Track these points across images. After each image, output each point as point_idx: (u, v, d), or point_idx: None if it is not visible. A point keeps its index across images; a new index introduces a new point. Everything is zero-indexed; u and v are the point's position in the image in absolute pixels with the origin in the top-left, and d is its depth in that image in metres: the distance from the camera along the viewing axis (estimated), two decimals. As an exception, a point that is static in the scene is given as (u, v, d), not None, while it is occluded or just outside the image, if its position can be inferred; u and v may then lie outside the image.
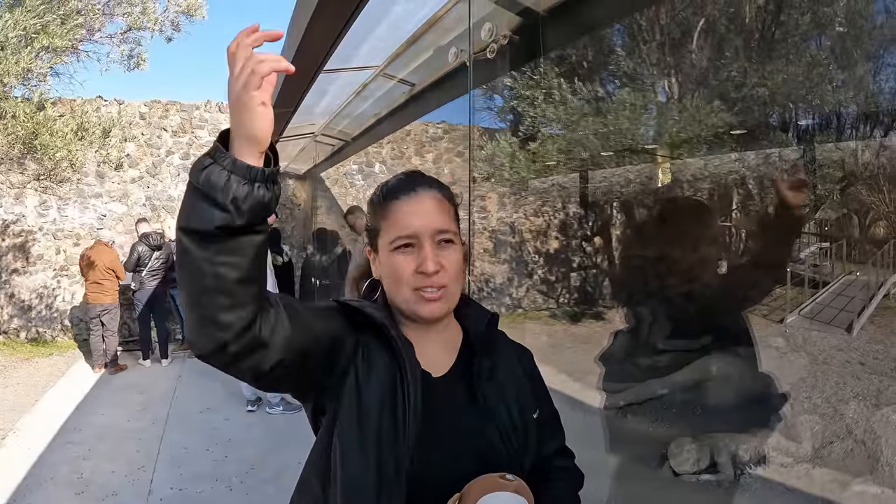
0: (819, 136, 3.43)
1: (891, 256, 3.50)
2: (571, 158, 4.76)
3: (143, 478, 3.62)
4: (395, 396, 0.86)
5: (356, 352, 0.90)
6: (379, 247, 0.96)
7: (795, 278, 3.86)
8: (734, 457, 2.48)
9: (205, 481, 3.56)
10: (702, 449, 2.51)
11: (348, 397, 0.87)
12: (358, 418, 0.86)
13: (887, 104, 3.07)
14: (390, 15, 2.32)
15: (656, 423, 2.68)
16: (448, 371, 0.97)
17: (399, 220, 0.91)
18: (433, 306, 0.90)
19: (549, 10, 1.88)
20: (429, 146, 8.25)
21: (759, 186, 3.82)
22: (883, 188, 3.51)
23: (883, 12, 3.11)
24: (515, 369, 1.03)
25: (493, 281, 6.83)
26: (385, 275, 0.95)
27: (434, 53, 2.69)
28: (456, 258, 0.93)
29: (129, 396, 5.26)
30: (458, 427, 0.92)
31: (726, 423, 2.53)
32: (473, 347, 0.99)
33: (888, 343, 3.15)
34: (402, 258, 0.90)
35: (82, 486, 3.50)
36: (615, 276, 5.63)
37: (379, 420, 0.85)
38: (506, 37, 1.84)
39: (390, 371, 0.88)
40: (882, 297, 3.36)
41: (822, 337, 3.45)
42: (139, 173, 7.30)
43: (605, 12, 1.77)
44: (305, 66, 2.73)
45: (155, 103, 7.39)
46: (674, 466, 2.55)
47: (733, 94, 3.82)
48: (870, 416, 2.99)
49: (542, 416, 1.03)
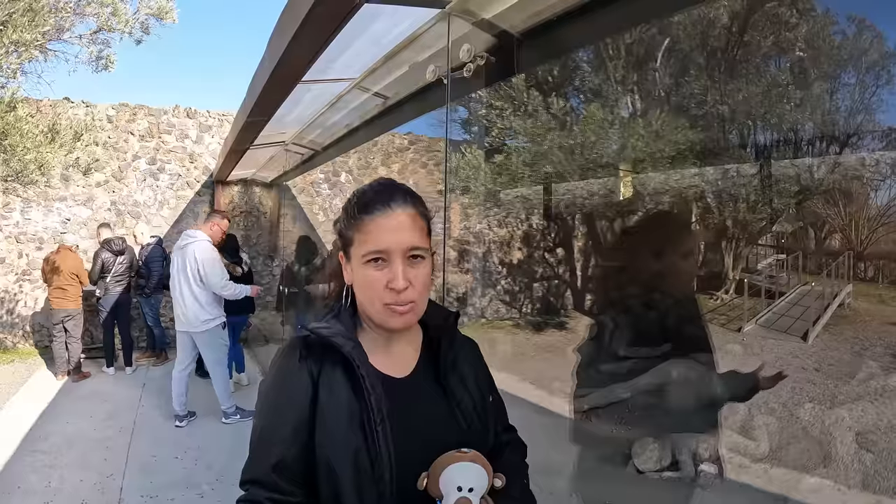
0: (777, 153, 3.63)
1: (845, 268, 3.69)
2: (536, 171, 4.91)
3: (112, 486, 3.59)
4: (359, 407, 0.95)
5: (315, 390, 0.96)
6: (351, 255, 1.01)
7: (753, 288, 4.03)
8: (694, 455, 2.58)
9: (176, 489, 3.55)
10: (664, 448, 2.63)
11: (320, 420, 0.95)
12: (330, 435, 0.94)
13: (843, 123, 3.28)
14: (369, 31, 2.40)
15: (620, 426, 2.79)
16: (413, 369, 1.06)
17: (372, 235, 0.96)
18: (403, 319, 0.97)
19: (524, 32, 2.00)
20: (395, 157, 8.32)
21: (717, 200, 4.00)
22: (838, 202, 3.70)
23: (840, 35, 3.34)
24: (470, 359, 1.13)
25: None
26: (357, 284, 1.01)
27: (410, 69, 2.78)
28: (425, 272, 0.98)
29: (95, 405, 5.17)
30: (430, 418, 1.01)
31: (686, 424, 2.66)
32: (433, 343, 1.08)
33: (842, 350, 3.35)
34: (374, 272, 0.96)
35: (51, 495, 3.45)
36: (586, 288, 5.78)
37: (347, 432, 0.93)
38: (482, 57, 1.94)
39: (352, 387, 0.96)
40: (837, 307, 3.55)
41: (778, 344, 3.62)
42: (104, 177, 7.16)
43: (577, 36, 1.89)
44: (284, 78, 2.78)
45: (123, 106, 7.29)
46: (637, 465, 2.67)
47: (695, 112, 4.01)
48: (825, 418, 3.18)
49: (493, 399, 1.15)
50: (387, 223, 0.96)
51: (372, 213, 0.97)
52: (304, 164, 5.91)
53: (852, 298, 3.54)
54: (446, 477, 0.92)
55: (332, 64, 2.89)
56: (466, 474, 0.93)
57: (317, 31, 2.06)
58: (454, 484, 0.92)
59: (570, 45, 2.28)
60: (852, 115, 3.25)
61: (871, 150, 3.23)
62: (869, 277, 3.62)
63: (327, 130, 4.73)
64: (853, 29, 3.29)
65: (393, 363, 1.04)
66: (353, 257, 1.00)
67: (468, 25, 2.01)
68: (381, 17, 2.23)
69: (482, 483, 0.94)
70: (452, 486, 0.91)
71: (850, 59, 3.27)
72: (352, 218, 1.00)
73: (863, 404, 3.15)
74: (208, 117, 7.80)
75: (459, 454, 0.95)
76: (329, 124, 4.50)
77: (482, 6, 1.90)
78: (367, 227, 0.97)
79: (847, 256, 3.69)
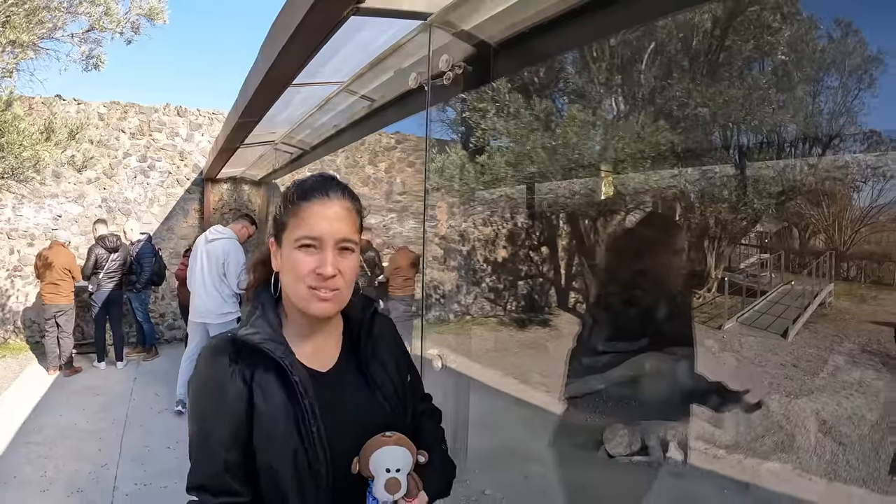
0: (759, 155, 3.73)
1: (827, 267, 3.77)
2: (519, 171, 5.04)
3: (107, 475, 3.69)
4: (293, 410, 0.99)
5: (250, 395, 0.99)
6: (283, 240, 1.03)
7: (734, 287, 4.13)
8: (662, 441, 2.72)
9: (169, 477, 3.65)
10: (633, 433, 2.78)
11: (258, 423, 0.99)
12: (269, 438, 0.99)
13: (824, 125, 3.38)
14: (356, 38, 2.52)
15: (594, 415, 2.91)
16: (336, 362, 1.10)
17: (307, 221, 1.00)
18: (324, 305, 1.00)
19: (500, 42, 2.15)
20: (382, 156, 8.43)
21: (699, 200, 4.11)
22: (821, 203, 3.79)
23: (822, 38, 3.43)
24: (388, 343, 1.18)
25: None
26: (285, 268, 1.03)
27: (394, 75, 2.92)
28: (352, 265, 1.03)
29: (87, 398, 5.26)
30: (357, 408, 1.07)
31: (658, 413, 2.80)
32: (353, 333, 1.13)
33: (821, 347, 3.47)
34: (304, 256, 0.99)
35: (47, 484, 3.56)
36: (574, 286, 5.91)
37: (285, 434, 0.98)
38: (460, 67, 2.08)
39: (286, 391, 1.00)
40: (818, 306, 3.64)
41: (757, 341, 3.75)
42: (96, 174, 7.22)
43: (551, 46, 2.03)
44: (275, 82, 2.90)
45: (114, 104, 7.35)
46: (609, 449, 2.82)
47: (677, 114, 4.14)
48: (800, 411, 3.32)
49: (411, 377, 1.21)
50: (323, 211, 1.00)
51: (310, 199, 1.01)
52: (293, 162, 6.02)
53: (834, 297, 3.62)
54: (375, 461, 1.02)
55: (322, 68, 3.01)
56: (393, 456, 1.03)
57: (308, 39, 2.19)
58: (382, 466, 1.02)
59: (542, 55, 2.43)
60: (835, 117, 3.31)
61: (853, 153, 3.27)
62: (851, 277, 3.68)
63: (315, 131, 4.85)
64: (838, 32, 3.35)
65: (316, 356, 1.07)
66: (284, 242, 1.03)
67: (448, 36, 2.14)
68: (368, 27, 2.36)
69: (407, 461, 1.05)
70: (381, 468, 1.02)
71: (833, 62, 3.33)
72: (290, 203, 1.03)
73: (834, 396, 3.26)
74: (198, 115, 7.87)
75: (384, 438, 1.04)
76: (317, 125, 4.63)
77: (462, 18, 2.04)
78: (303, 212, 1.00)
79: (829, 256, 3.76)
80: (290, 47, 2.23)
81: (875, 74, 3.16)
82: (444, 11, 2.01)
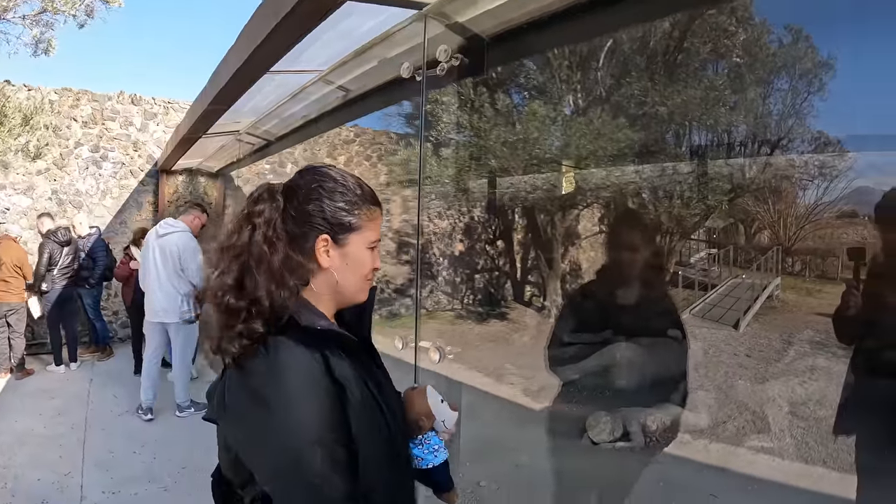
0: (712, 153, 3.86)
1: (774, 262, 3.92)
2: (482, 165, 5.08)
3: (71, 484, 3.52)
4: (369, 389, 1.01)
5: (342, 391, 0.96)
6: (349, 241, 1.05)
7: (686, 281, 4.29)
8: (644, 426, 2.79)
9: (138, 483, 3.53)
10: (615, 420, 2.85)
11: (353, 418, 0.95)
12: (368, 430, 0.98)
13: (775, 126, 3.52)
14: (341, 25, 2.46)
15: (572, 404, 2.95)
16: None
17: (377, 224, 1.10)
18: (367, 293, 1.12)
19: (493, 36, 2.14)
20: (341, 148, 8.32)
21: (653, 196, 4.23)
22: (768, 200, 3.94)
23: (775, 43, 3.57)
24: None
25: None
26: (348, 265, 1.05)
27: (378, 64, 2.86)
28: None
29: (42, 402, 5.02)
30: (386, 378, 1.16)
31: (632, 401, 2.86)
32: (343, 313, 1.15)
33: (771, 337, 3.64)
34: (372, 255, 1.09)
35: (8, 497, 3.36)
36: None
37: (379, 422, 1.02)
38: (457, 58, 2.06)
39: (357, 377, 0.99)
40: (766, 299, 3.80)
41: (711, 333, 3.90)
42: (46, 165, 6.85)
43: (543, 42, 2.04)
44: (256, 67, 2.80)
45: (66, 91, 6.96)
46: (592, 436, 2.87)
47: (634, 112, 4.24)
48: (755, 396, 3.47)
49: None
50: (381, 217, 1.12)
51: (377, 206, 1.10)
52: (254, 154, 5.85)
53: (781, 291, 3.78)
54: (431, 401, 1.14)
55: (300, 55, 2.93)
56: (433, 391, 1.16)
57: (298, 24, 2.13)
58: (437, 399, 1.15)
59: (533, 50, 2.44)
60: (784, 118, 3.45)
61: (801, 153, 3.40)
62: (797, 272, 3.82)
63: (284, 121, 4.72)
64: (789, 38, 3.49)
65: None
66: (352, 241, 1.04)
67: (441, 27, 2.12)
68: (355, 14, 2.31)
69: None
70: (437, 401, 1.15)
71: (784, 66, 3.47)
72: (361, 205, 1.06)
73: (787, 383, 3.44)
74: (153, 104, 7.58)
75: (415, 386, 1.18)
76: (286, 115, 4.50)
77: (457, 10, 2.02)
78: (376, 219, 1.09)
79: (776, 251, 3.90)
80: (277, 31, 2.15)
81: (824, 79, 3.30)
82: (441, 2, 1.98)
